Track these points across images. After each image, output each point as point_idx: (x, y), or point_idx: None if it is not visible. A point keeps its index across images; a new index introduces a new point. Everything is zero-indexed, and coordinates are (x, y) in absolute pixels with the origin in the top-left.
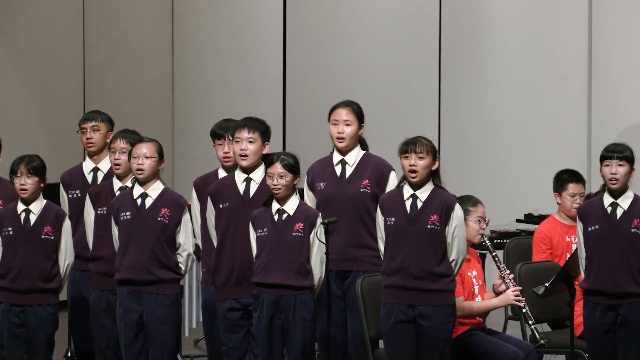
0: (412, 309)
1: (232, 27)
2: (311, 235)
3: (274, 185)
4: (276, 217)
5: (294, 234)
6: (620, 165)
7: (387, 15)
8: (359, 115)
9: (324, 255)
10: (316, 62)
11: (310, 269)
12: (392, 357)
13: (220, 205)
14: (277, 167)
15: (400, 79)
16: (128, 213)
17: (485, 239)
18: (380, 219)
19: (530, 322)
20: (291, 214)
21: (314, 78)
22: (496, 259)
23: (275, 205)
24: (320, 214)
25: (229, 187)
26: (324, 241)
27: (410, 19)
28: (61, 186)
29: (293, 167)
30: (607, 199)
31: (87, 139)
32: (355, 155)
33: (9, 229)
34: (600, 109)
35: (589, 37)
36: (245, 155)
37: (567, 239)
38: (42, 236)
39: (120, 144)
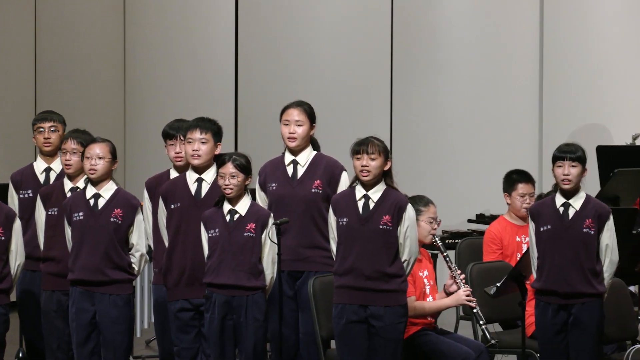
0: (364, 309)
1: (184, 28)
2: (263, 236)
3: (225, 185)
4: (228, 217)
5: (245, 234)
6: (572, 166)
7: (339, 16)
8: (311, 116)
9: (276, 256)
10: (268, 63)
11: (262, 269)
12: (344, 357)
13: (172, 206)
14: (229, 167)
15: (352, 79)
16: (81, 213)
17: (437, 239)
18: (332, 219)
19: (481, 322)
20: (243, 214)
21: (266, 79)
22: (447, 259)
23: (226, 206)
24: (272, 214)
25: (181, 187)
26: (276, 241)
27: (362, 19)
28: (11, 186)
29: (245, 168)
30: (559, 199)
31: (45, 138)
32: (306, 156)
33: None
34: (551, 109)
35: (540, 37)
36: (198, 156)
37: (518, 239)
38: None
39: (72, 144)
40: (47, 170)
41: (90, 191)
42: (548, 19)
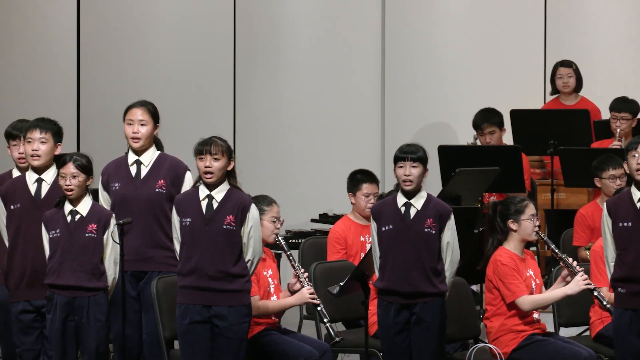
0: (207, 310)
1: (25, 26)
2: (105, 236)
3: (66, 185)
4: (69, 218)
5: (87, 234)
6: (413, 166)
7: (181, 16)
8: (154, 115)
9: (118, 256)
10: (110, 63)
11: (104, 270)
12: (188, 357)
13: (12, 207)
14: (70, 168)
15: (195, 79)
16: None
17: (280, 238)
18: (175, 219)
19: (325, 320)
20: (84, 214)
21: (109, 79)
22: (291, 258)
23: (67, 206)
24: (114, 214)
25: (20, 187)
26: (119, 242)
27: (204, 20)
28: None
29: (86, 168)
30: (401, 199)
31: None
32: (150, 156)
33: None
34: (393, 109)
35: (382, 37)
36: (38, 156)
37: (362, 238)
38: None
39: None
40: None
41: None
42: (390, 19)
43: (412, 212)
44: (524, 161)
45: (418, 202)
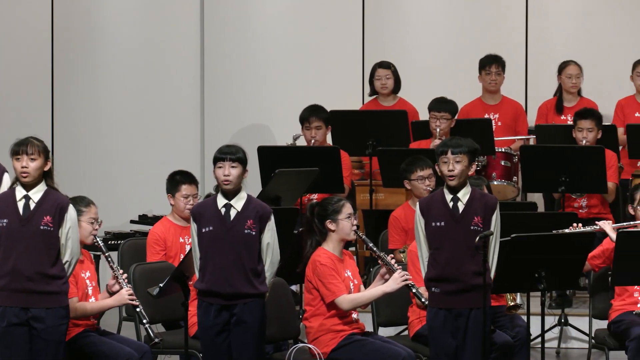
0: (25, 312)
1: None
2: None
3: None
4: None
5: None
6: (233, 167)
7: None
8: None
9: None
10: None
11: None
12: None
13: None
14: None
15: (12, 79)
16: None
17: (98, 240)
18: None
19: (144, 321)
20: None
21: None
22: (109, 259)
23: None
24: None
25: None
26: None
27: (20, 17)
28: None
29: None
30: (221, 200)
31: None
32: None
33: None
34: (212, 111)
35: (201, 39)
36: None
37: (181, 239)
38: None
39: None
40: None
41: None
42: (209, 20)
43: (233, 213)
44: (345, 158)
45: (238, 203)
